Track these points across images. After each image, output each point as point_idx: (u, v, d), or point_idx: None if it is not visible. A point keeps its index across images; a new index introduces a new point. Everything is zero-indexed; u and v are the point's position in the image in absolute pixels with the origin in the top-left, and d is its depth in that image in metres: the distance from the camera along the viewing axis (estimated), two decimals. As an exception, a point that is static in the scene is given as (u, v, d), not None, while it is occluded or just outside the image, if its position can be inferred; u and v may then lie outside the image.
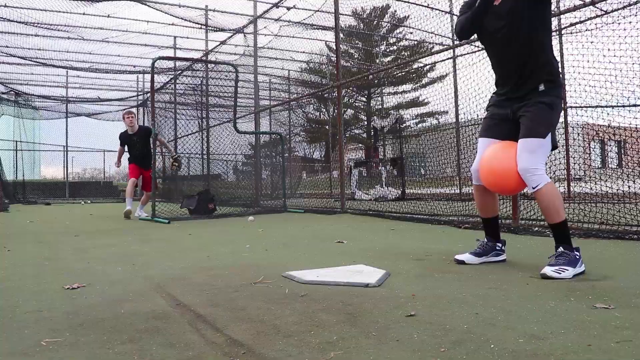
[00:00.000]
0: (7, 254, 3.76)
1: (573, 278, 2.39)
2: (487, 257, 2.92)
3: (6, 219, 7.78)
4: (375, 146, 13.96)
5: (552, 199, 2.57)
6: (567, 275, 2.38)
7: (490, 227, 2.99)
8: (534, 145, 2.60)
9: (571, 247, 2.51)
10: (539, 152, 2.61)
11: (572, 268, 2.42)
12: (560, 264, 2.43)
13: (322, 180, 16.97)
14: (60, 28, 11.65)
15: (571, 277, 2.39)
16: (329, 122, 21.68)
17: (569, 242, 2.55)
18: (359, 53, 23.65)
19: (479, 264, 2.88)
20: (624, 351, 1.40)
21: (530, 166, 2.57)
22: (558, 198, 2.59)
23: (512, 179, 2.66)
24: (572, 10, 4.68)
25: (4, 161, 15.62)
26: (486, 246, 2.94)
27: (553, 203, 2.57)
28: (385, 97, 25.37)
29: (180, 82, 12.42)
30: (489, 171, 2.77)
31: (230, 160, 14.53)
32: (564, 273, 2.38)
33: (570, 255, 2.48)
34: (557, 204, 2.57)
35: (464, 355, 1.40)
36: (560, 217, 2.57)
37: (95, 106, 19.13)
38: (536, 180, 2.57)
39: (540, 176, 2.58)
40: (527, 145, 2.61)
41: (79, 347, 1.55)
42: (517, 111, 2.71)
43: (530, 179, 2.58)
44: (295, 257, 3.32)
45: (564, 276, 2.37)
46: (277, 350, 1.48)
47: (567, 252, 2.49)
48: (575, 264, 2.45)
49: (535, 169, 2.58)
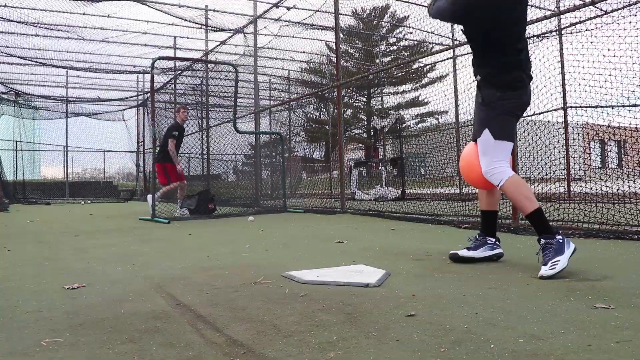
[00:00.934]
0: (7, 254, 3.76)
1: (568, 264, 2.40)
2: (481, 250, 2.95)
3: (6, 219, 7.78)
4: (375, 146, 13.96)
5: (517, 190, 2.61)
6: (562, 266, 2.37)
7: (486, 221, 3.02)
8: (481, 147, 2.73)
9: (552, 235, 2.49)
10: (488, 152, 2.69)
11: (562, 255, 2.41)
12: (549, 258, 2.42)
13: (322, 180, 16.97)
14: (60, 28, 11.65)
15: (566, 263, 2.39)
16: (329, 122, 21.69)
17: (548, 230, 2.53)
18: (359, 53, 23.65)
19: (476, 257, 2.90)
20: (624, 351, 1.40)
21: (485, 168, 2.70)
22: (522, 188, 2.62)
23: (482, 179, 2.82)
24: (572, 10, 4.68)
25: (4, 161, 15.63)
26: (477, 241, 2.97)
27: (519, 194, 2.60)
28: (385, 97, 25.37)
29: (180, 82, 12.43)
30: (464, 174, 3.00)
31: (230, 160, 14.53)
32: (557, 266, 2.37)
33: (553, 243, 2.45)
34: (523, 194, 2.60)
35: (464, 355, 1.40)
36: (531, 206, 2.58)
37: (95, 106, 19.15)
38: (496, 178, 2.66)
39: (499, 174, 2.64)
40: (480, 146, 2.75)
41: (79, 347, 1.55)
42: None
43: (492, 179, 2.68)
44: (295, 257, 3.32)
45: (559, 269, 2.36)
46: (277, 350, 1.48)
47: (549, 242, 2.47)
48: (562, 250, 2.42)
49: (491, 169, 2.67)
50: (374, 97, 28.74)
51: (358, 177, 12.82)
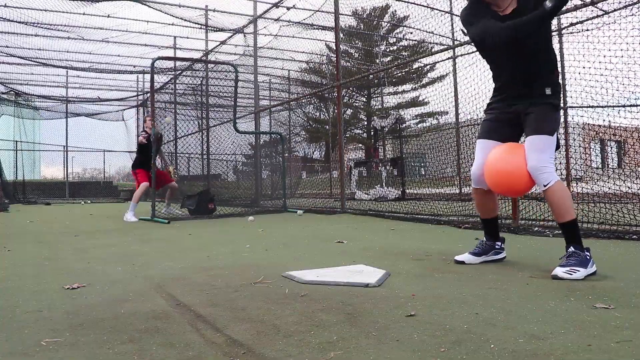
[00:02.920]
0: (7, 254, 3.76)
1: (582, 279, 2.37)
2: (487, 256, 2.93)
3: (6, 219, 7.78)
4: (375, 146, 13.96)
5: (563, 196, 2.55)
6: (578, 276, 2.35)
7: (489, 227, 2.99)
8: (542, 143, 2.59)
9: (582, 247, 2.48)
10: (548, 150, 2.60)
11: (584, 269, 2.39)
12: (571, 265, 2.40)
13: (322, 180, 16.97)
14: (60, 28, 11.65)
15: (582, 277, 2.36)
16: (329, 122, 21.68)
17: (580, 242, 2.51)
18: (359, 53, 23.65)
19: (479, 263, 2.88)
20: (624, 351, 1.40)
21: (540, 164, 2.56)
22: (568, 196, 2.58)
23: (521, 179, 2.64)
24: (572, 10, 4.68)
25: (4, 161, 15.64)
26: (485, 245, 2.95)
27: (563, 201, 2.55)
28: (385, 97, 25.36)
29: (180, 82, 12.43)
30: (497, 173, 2.72)
31: (230, 160, 14.53)
32: (575, 274, 2.36)
33: (581, 255, 2.44)
34: (568, 203, 2.56)
35: (464, 355, 1.40)
36: (570, 215, 2.54)
37: (95, 106, 19.15)
38: (547, 177, 2.55)
39: (551, 174, 2.56)
40: (536, 142, 2.59)
41: (79, 347, 1.55)
42: (522, 112, 2.71)
43: (541, 177, 2.56)
44: (295, 257, 3.32)
45: (575, 277, 2.35)
46: (277, 350, 1.48)
47: (577, 252, 2.45)
48: (586, 265, 2.41)
49: (545, 167, 2.56)
50: (374, 97, 28.73)
51: (358, 177, 12.82)
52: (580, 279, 2.35)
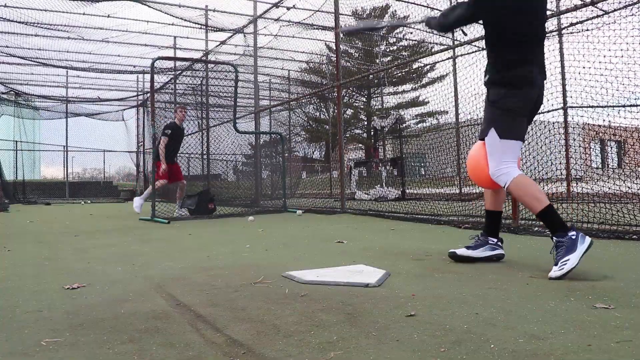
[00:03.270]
0: (7, 254, 3.76)
1: (579, 263, 2.35)
2: (481, 250, 2.95)
3: (6, 219, 7.78)
4: (375, 146, 13.96)
5: (524, 190, 2.58)
6: (571, 264, 2.31)
7: (489, 221, 3.01)
8: (488, 147, 2.71)
9: (564, 232, 2.42)
10: (495, 152, 2.67)
11: (573, 253, 2.34)
12: (560, 258, 2.37)
13: (322, 180, 16.97)
14: (60, 28, 11.65)
15: (577, 262, 2.33)
16: (329, 122, 21.69)
17: (559, 228, 2.45)
18: (359, 53, 23.65)
19: (476, 256, 2.91)
20: (624, 351, 1.40)
21: (493, 170, 2.68)
22: (529, 188, 2.57)
23: (484, 177, 2.83)
24: (572, 10, 4.68)
25: (4, 161, 15.65)
26: (478, 241, 2.97)
27: (525, 194, 2.57)
28: (385, 97, 25.37)
29: (180, 82, 12.42)
30: (469, 169, 3.00)
31: (230, 160, 14.53)
32: (566, 265, 2.32)
33: (564, 241, 2.39)
34: (531, 193, 2.56)
35: (464, 355, 1.40)
36: (540, 205, 2.52)
37: (95, 106, 19.15)
38: (502, 180, 2.64)
39: (505, 175, 2.62)
40: (487, 147, 2.73)
41: (79, 347, 1.55)
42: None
43: (498, 181, 2.67)
44: (295, 257, 3.32)
45: (567, 267, 2.31)
46: (277, 350, 1.48)
47: (561, 240, 2.41)
48: (574, 247, 2.35)
49: (497, 171, 2.65)
50: (374, 97, 28.74)
51: (358, 177, 12.82)
52: (576, 264, 2.32)
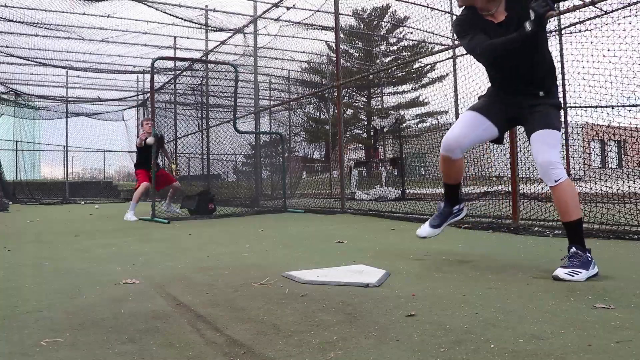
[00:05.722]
0: (7, 254, 3.76)
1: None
2: (447, 221, 3.04)
3: (6, 219, 7.78)
4: (375, 146, 13.96)
5: (572, 194, 2.53)
6: (580, 278, 2.33)
7: (450, 192, 3.05)
8: (554, 138, 2.56)
9: (584, 249, 2.46)
10: (558, 146, 2.58)
11: (585, 270, 2.37)
12: (573, 266, 2.38)
13: (322, 180, 16.97)
14: (60, 28, 11.64)
15: (584, 279, 2.34)
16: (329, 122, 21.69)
17: (583, 243, 2.48)
18: (359, 53, 23.65)
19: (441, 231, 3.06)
20: (624, 351, 1.40)
21: (553, 159, 2.52)
22: (576, 195, 2.56)
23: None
24: (572, 10, 4.67)
25: (4, 161, 15.66)
26: (443, 212, 3.04)
27: (572, 199, 2.52)
28: (385, 97, 25.37)
29: (180, 82, 12.42)
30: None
31: (230, 161, 14.53)
32: (577, 276, 2.34)
33: (582, 256, 2.42)
34: (575, 201, 2.53)
35: (464, 355, 1.40)
36: (577, 214, 2.52)
37: (95, 106, 19.13)
38: (559, 173, 2.51)
39: (562, 170, 2.54)
40: (548, 137, 2.55)
41: (79, 347, 1.55)
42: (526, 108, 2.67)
43: (553, 172, 2.51)
44: (295, 257, 3.32)
45: (577, 279, 2.33)
46: (277, 350, 1.48)
47: (579, 253, 2.42)
48: (587, 267, 2.39)
49: (557, 162, 2.53)
50: (374, 97, 28.73)
51: (358, 177, 12.82)
52: (582, 280, 2.34)
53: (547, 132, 2.56)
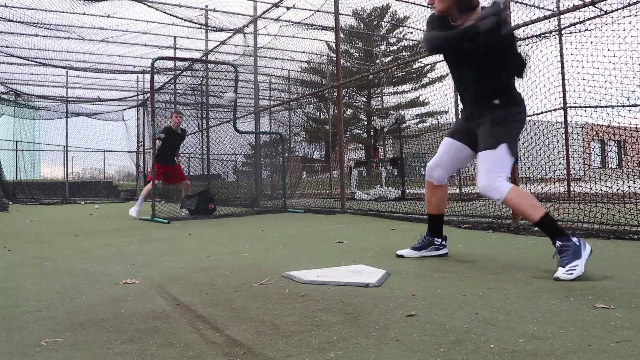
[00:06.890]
0: (7, 254, 3.76)
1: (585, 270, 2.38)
2: (426, 251, 3.13)
3: (6, 219, 7.78)
4: (375, 146, 13.95)
5: (519, 202, 2.60)
6: (579, 271, 2.35)
7: (432, 223, 3.16)
8: (485, 160, 2.68)
9: (567, 237, 2.46)
10: (493, 166, 2.66)
11: (580, 259, 2.38)
12: (567, 261, 2.38)
13: (322, 180, 16.96)
14: (60, 28, 11.64)
15: (584, 268, 2.37)
16: (329, 122, 21.69)
17: (561, 233, 2.49)
18: (359, 53, 23.65)
19: (418, 257, 3.10)
20: (624, 351, 1.40)
21: (485, 183, 2.66)
22: (525, 199, 2.61)
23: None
24: (572, 10, 4.67)
25: (4, 161, 15.65)
26: (424, 241, 3.14)
27: (523, 204, 2.59)
28: (385, 97, 25.36)
29: (180, 82, 12.42)
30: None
31: (230, 160, 14.54)
32: (575, 271, 2.35)
33: (569, 245, 2.42)
34: (527, 204, 2.58)
35: (464, 355, 1.40)
36: (537, 215, 2.55)
37: (95, 106, 19.14)
38: (496, 193, 2.63)
39: (499, 187, 2.62)
40: (483, 160, 2.70)
41: (79, 347, 1.55)
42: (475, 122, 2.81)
43: (492, 193, 2.66)
44: (295, 257, 3.32)
45: (577, 273, 2.34)
46: (277, 350, 1.48)
47: (565, 244, 2.43)
48: (579, 253, 2.39)
49: (490, 184, 2.64)
50: (374, 97, 28.73)
51: (358, 177, 12.82)
52: (583, 271, 2.35)
53: (482, 155, 2.71)
